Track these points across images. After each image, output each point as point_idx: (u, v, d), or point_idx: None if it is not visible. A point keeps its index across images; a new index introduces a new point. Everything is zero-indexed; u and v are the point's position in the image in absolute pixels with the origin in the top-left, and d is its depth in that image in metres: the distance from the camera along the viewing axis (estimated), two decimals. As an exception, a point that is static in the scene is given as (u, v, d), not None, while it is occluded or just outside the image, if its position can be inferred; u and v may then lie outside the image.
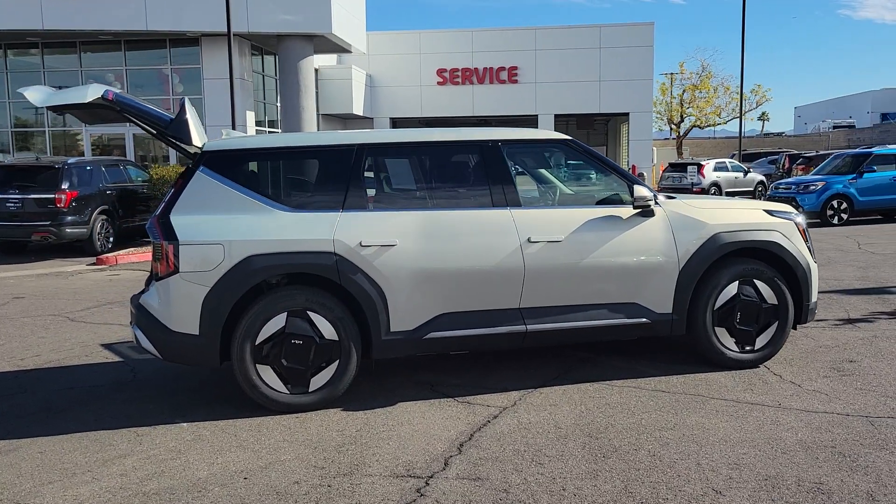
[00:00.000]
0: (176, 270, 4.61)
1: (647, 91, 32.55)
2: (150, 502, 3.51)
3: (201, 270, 4.61)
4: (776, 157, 37.79)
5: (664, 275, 5.19)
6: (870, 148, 23.95)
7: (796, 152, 37.93)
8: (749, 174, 28.99)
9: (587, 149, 5.45)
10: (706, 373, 5.31)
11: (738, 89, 35.90)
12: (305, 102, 21.99)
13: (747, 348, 5.40)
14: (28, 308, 8.92)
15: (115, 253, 13.67)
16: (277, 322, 4.68)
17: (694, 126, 46.28)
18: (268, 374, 4.70)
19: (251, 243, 4.66)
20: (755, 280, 5.35)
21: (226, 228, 4.69)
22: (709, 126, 46.84)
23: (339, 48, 24.82)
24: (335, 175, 4.97)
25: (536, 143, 5.57)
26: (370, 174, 5.05)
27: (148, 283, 5.55)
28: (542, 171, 6.33)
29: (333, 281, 4.74)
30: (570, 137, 5.42)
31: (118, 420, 4.73)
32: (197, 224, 4.68)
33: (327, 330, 4.75)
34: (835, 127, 76.70)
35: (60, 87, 4.88)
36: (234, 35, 18.03)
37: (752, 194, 27.71)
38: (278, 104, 25.14)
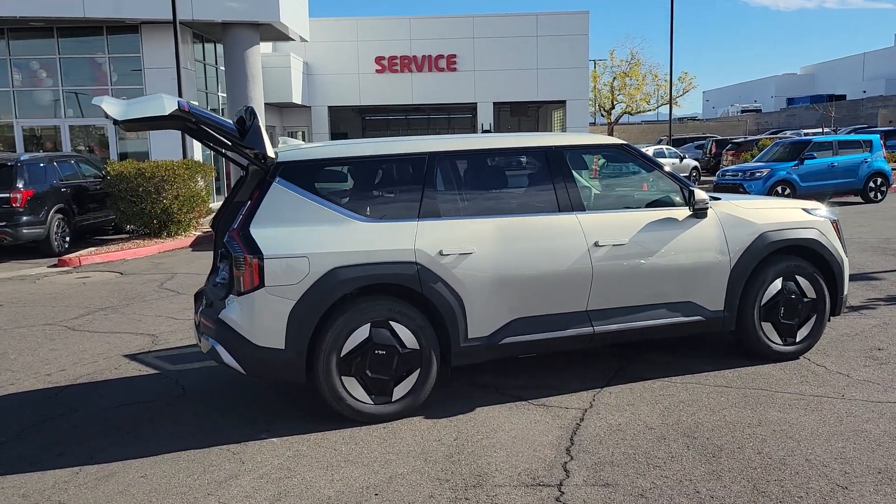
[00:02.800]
0: (261, 285, 4.52)
1: (584, 79, 33.10)
2: (295, 526, 3.48)
3: (287, 284, 4.54)
4: (702, 142, 39.09)
5: (717, 273, 5.40)
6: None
7: (722, 138, 39.36)
8: (685, 160, 30.07)
9: (641, 153, 5.60)
10: (753, 366, 5.56)
11: (665, 76, 36.95)
12: (253, 93, 21.46)
13: (789, 341, 5.68)
14: (15, 317, 8.51)
15: (78, 254, 13.11)
16: (362, 333, 4.66)
17: (625, 112, 47.45)
18: (353, 386, 4.68)
19: (335, 255, 4.61)
20: (797, 276, 5.63)
21: (307, 240, 4.62)
22: (639, 112, 48.10)
23: (284, 36, 24.29)
24: (409, 183, 4.96)
25: (595, 149, 5.70)
26: (442, 181, 5.06)
27: (199, 295, 5.43)
28: (597, 174, 6.47)
29: (414, 290, 4.75)
30: (624, 142, 5.56)
31: (199, 438, 4.62)
32: (278, 237, 4.60)
33: (409, 339, 4.76)
34: (743, 111, 79.89)
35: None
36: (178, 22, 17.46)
37: (687, 179, 28.69)
38: (220, 94, 24.47)
